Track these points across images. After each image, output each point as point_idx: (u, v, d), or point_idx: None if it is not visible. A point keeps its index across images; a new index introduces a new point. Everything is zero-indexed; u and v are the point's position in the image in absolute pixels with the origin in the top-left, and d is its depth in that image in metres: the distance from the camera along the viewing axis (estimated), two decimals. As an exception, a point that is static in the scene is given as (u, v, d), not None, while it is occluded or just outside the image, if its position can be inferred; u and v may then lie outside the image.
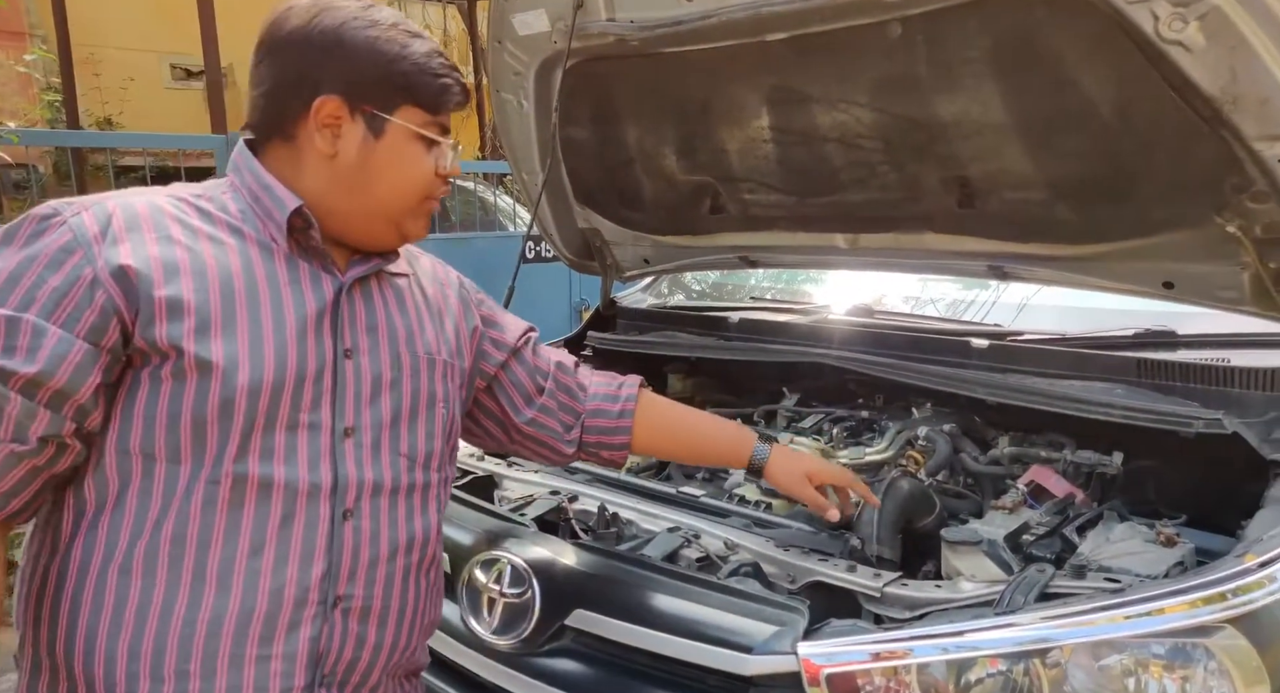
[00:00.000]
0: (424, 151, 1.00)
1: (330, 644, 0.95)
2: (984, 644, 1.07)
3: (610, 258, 2.32)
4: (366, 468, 0.98)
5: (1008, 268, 1.71)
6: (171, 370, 0.88)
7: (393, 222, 1.01)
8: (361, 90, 0.95)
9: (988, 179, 1.63)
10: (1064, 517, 1.38)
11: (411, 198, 1.01)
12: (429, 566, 1.07)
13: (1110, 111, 1.38)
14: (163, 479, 0.89)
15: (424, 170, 1.01)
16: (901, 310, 2.16)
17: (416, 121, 0.98)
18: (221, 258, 0.92)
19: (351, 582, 0.96)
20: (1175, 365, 1.47)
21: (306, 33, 0.94)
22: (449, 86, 1.00)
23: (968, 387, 1.59)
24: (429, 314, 1.10)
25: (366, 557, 0.97)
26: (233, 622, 0.89)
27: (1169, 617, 1.02)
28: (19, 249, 0.87)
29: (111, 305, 0.86)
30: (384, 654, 1.01)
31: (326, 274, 0.99)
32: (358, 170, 0.97)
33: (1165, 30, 1.18)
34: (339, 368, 0.97)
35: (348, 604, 0.96)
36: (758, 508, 1.52)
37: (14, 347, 0.83)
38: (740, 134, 1.87)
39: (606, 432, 1.31)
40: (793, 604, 1.18)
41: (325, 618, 0.94)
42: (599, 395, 1.31)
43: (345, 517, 0.95)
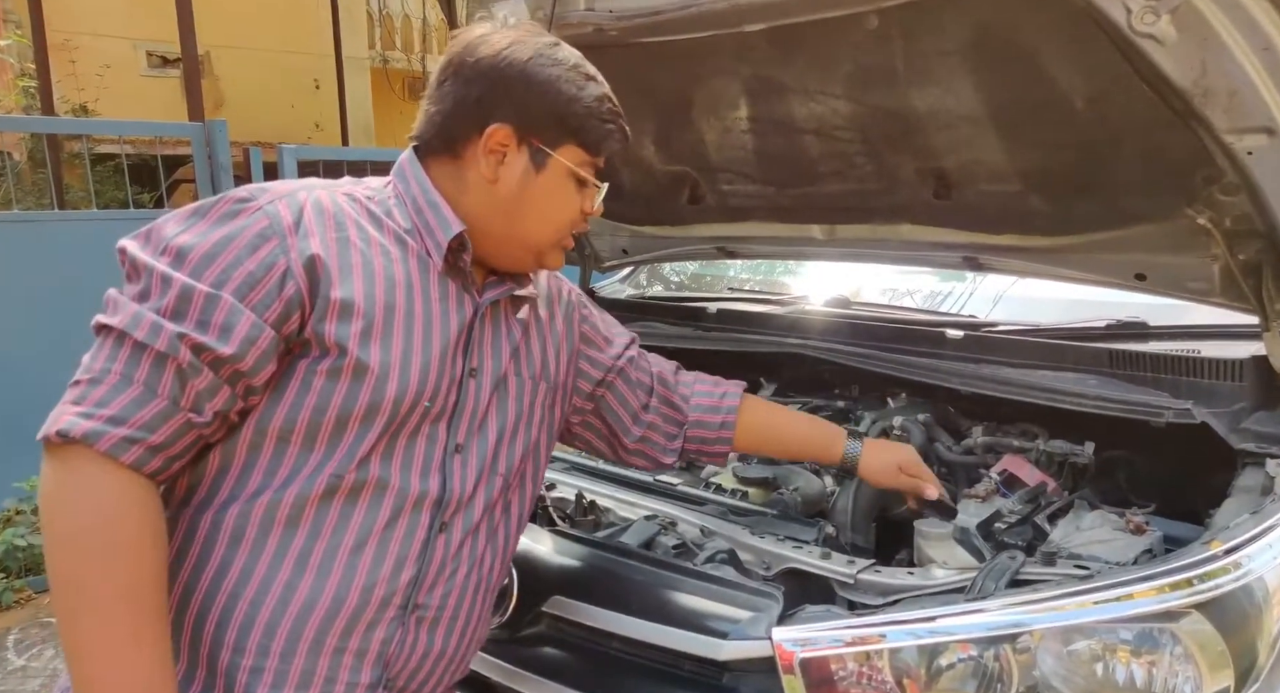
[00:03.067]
0: (576, 190, 1.04)
1: (401, 649, 0.97)
2: (955, 630, 1.07)
3: (588, 248, 2.32)
4: (468, 484, 1.01)
5: (983, 259, 1.73)
6: (329, 367, 0.90)
7: (534, 251, 1.05)
8: (533, 124, 0.99)
9: (963, 171, 1.64)
10: (1036, 505, 1.39)
11: (557, 231, 1.05)
12: (495, 583, 1.10)
13: (1083, 104, 1.40)
14: (291, 462, 0.91)
15: (573, 207, 1.04)
16: (878, 301, 2.17)
17: (576, 160, 1.02)
18: (389, 267, 0.96)
19: (431, 592, 0.99)
20: (1146, 356, 1.49)
21: (495, 63, 0.98)
22: (613, 132, 1.04)
23: (943, 377, 1.61)
24: (539, 338, 1.14)
25: (449, 570, 1.00)
26: (323, 610, 0.91)
27: (1137, 602, 1.04)
28: (214, 226, 0.89)
29: (298, 298, 0.89)
30: (443, 665, 1.03)
31: (468, 295, 1.03)
32: (515, 199, 1.01)
33: (1138, 23, 1.19)
34: (463, 386, 1.01)
35: (422, 613, 0.99)
36: (734, 496, 1.53)
37: (209, 323, 0.85)
38: (718, 125, 1.87)
39: (707, 442, 1.35)
40: (767, 590, 1.18)
41: (401, 622, 0.97)
42: (701, 407, 1.35)
43: (441, 529, 0.99)
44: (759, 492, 1.56)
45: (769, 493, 1.56)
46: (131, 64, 8.45)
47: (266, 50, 8.26)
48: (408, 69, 9.65)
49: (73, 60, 7.17)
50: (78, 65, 7.25)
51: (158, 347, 0.83)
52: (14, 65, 6.71)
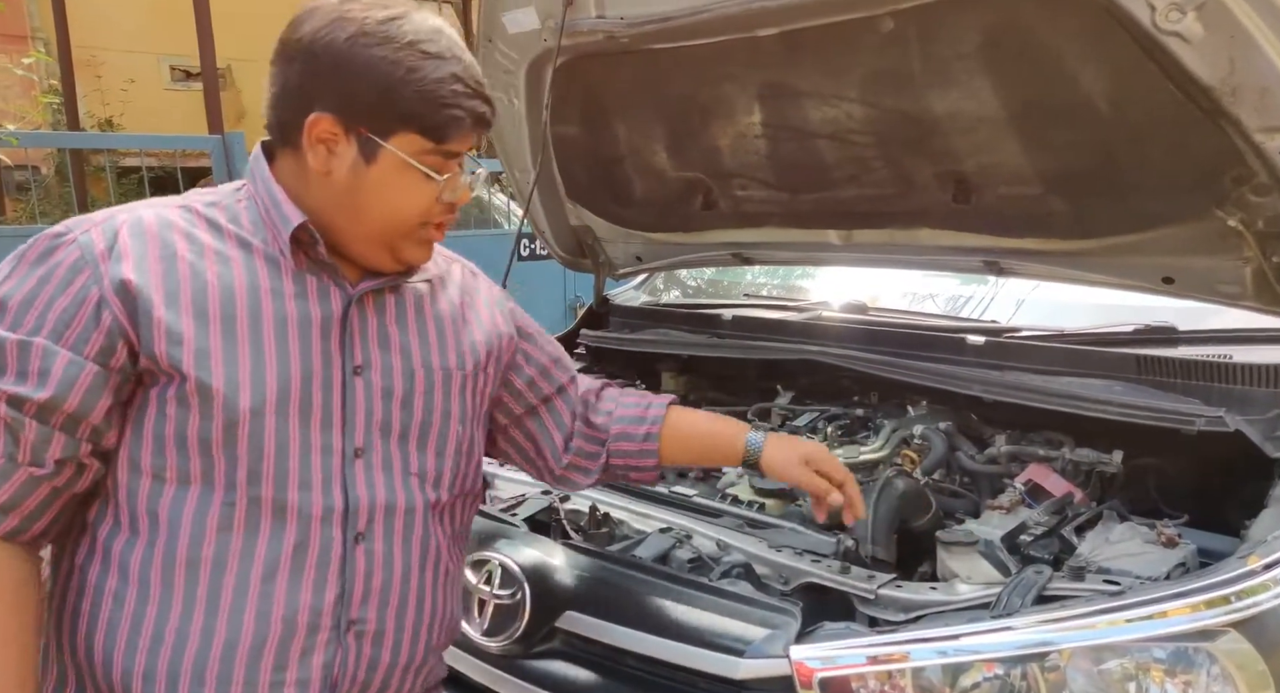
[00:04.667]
0: (421, 180, 0.93)
1: (345, 668, 0.94)
2: (980, 648, 1.05)
3: (603, 255, 2.31)
4: (378, 489, 0.95)
5: (1004, 263, 1.70)
6: (175, 394, 0.86)
7: (387, 246, 0.96)
8: (357, 111, 0.90)
9: (983, 174, 1.61)
10: (1062, 517, 1.36)
11: (405, 225, 0.95)
12: (445, 582, 1.04)
13: (1106, 105, 1.36)
14: (170, 500, 0.87)
15: (419, 199, 0.94)
16: (897, 307, 2.14)
17: (414, 149, 0.92)
18: (226, 275, 0.90)
19: (364, 605, 0.94)
20: (1176, 362, 1.45)
21: (313, 42, 0.89)
22: (456, 118, 0.92)
23: (964, 384, 1.57)
24: (450, 325, 1.05)
25: (379, 580, 0.95)
26: (247, 647, 0.88)
27: (1171, 620, 1.00)
28: (31, 267, 0.86)
29: (117, 326, 0.85)
30: (398, 675, 0.99)
31: (336, 287, 0.95)
32: (350, 192, 0.93)
33: (1162, 21, 1.16)
34: (348, 386, 0.94)
35: (361, 628, 0.94)
36: (750, 508, 1.50)
37: (26, 372, 0.83)
38: (732, 130, 1.85)
39: (631, 456, 1.25)
40: (785, 606, 1.16)
41: (339, 643, 0.93)
42: (625, 419, 1.25)
43: (357, 540, 0.94)
44: (776, 503, 1.53)
45: (786, 505, 1.53)
46: (155, 78, 8.59)
47: (286, 62, 8.33)
48: (425, 79, 9.72)
49: (98, 76, 7.28)
50: (103, 80, 7.36)
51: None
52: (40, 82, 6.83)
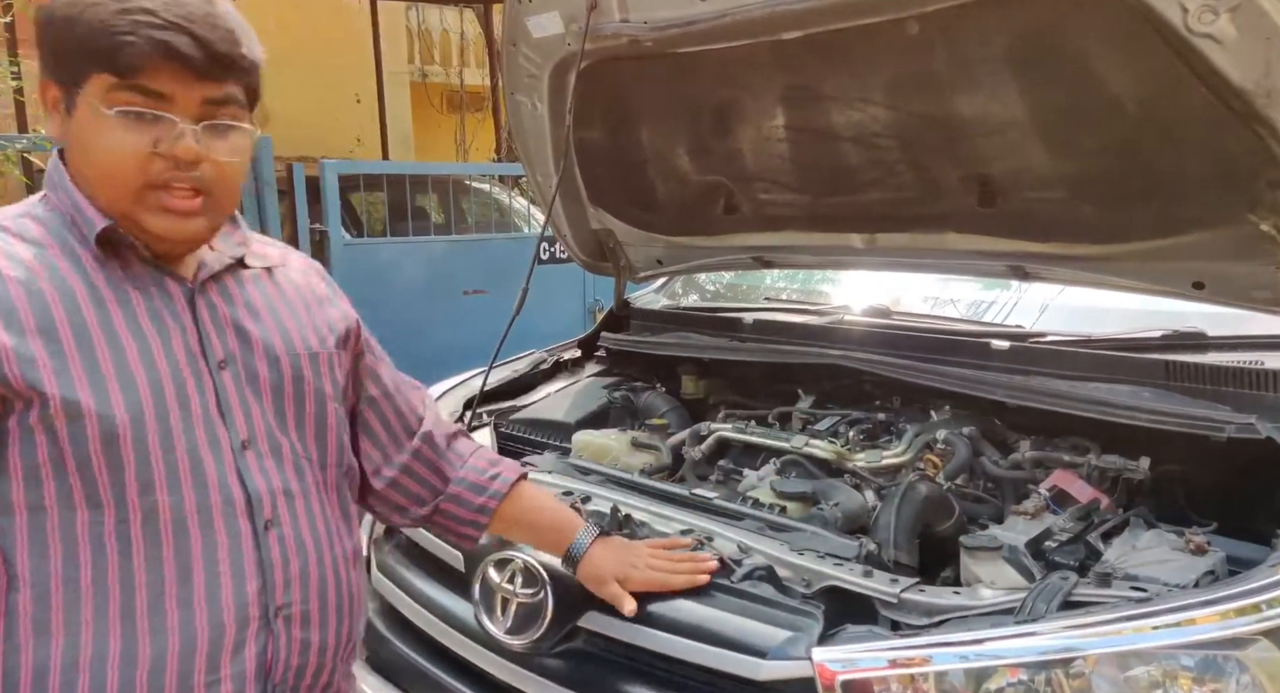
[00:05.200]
0: (120, 126, 0.83)
1: (278, 654, 0.93)
2: (1005, 653, 1.04)
3: (623, 259, 2.31)
4: (273, 476, 0.95)
5: (1030, 268, 1.68)
6: (39, 417, 0.81)
7: (128, 218, 0.87)
8: (56, 65, 0.86)
9: (1009, 177, 1.60)
10: (1088, 523, 1.34)
11: (121, 184, 0.85)
12: (351, 560, 1.04)
13: (1136, 107, 1.35)
14: (60, 533, 0.83)
15: (124, 150, 0.84)
16: (919, 311, 2.13)
17: (102, 88, 0.83)
18: (63, 287, 0.85)
19: (288, 590, 0.94)
20: (1206, 368, 1.43)
21: (39, 17, 0.87)
22: (133, 44, 0.81)
23: (988, 389, 1.56)
24: (303, 306, 1.03)
25: (297, 564, 0.95)
26: (175, 658, 0.86)
27: (1200, 628, 0.99)
28: None
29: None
30: (330, 654, 0.99)
31: (174, 283, 0.92)
32: (76, 156, 0.88)
33: (1195, 23, 1.15)
34: (217, 381, 0.92)
35: (288, 611, 0.94)
36: (772, 511, 1.50)
37: None
38: (754, 134, 1.85)
39: (459, 522, 1.22)
40: (807, 609, 1.16)
41: (269, 630, 0.92)
42: (465, 482, 1.21)
43: (267, 528, 0.93)
44: (798, 507, 1.52)
45: (808, 508, 1.53)
46: (181, 82, 8.70)
47: (309, 66, 8.44)
48: (446, 83, 9.78)
49: (125, 80, 7.40)
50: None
51: None
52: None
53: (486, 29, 7.45)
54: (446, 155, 9.23)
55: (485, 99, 8.25)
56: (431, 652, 1.49)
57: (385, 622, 1.61)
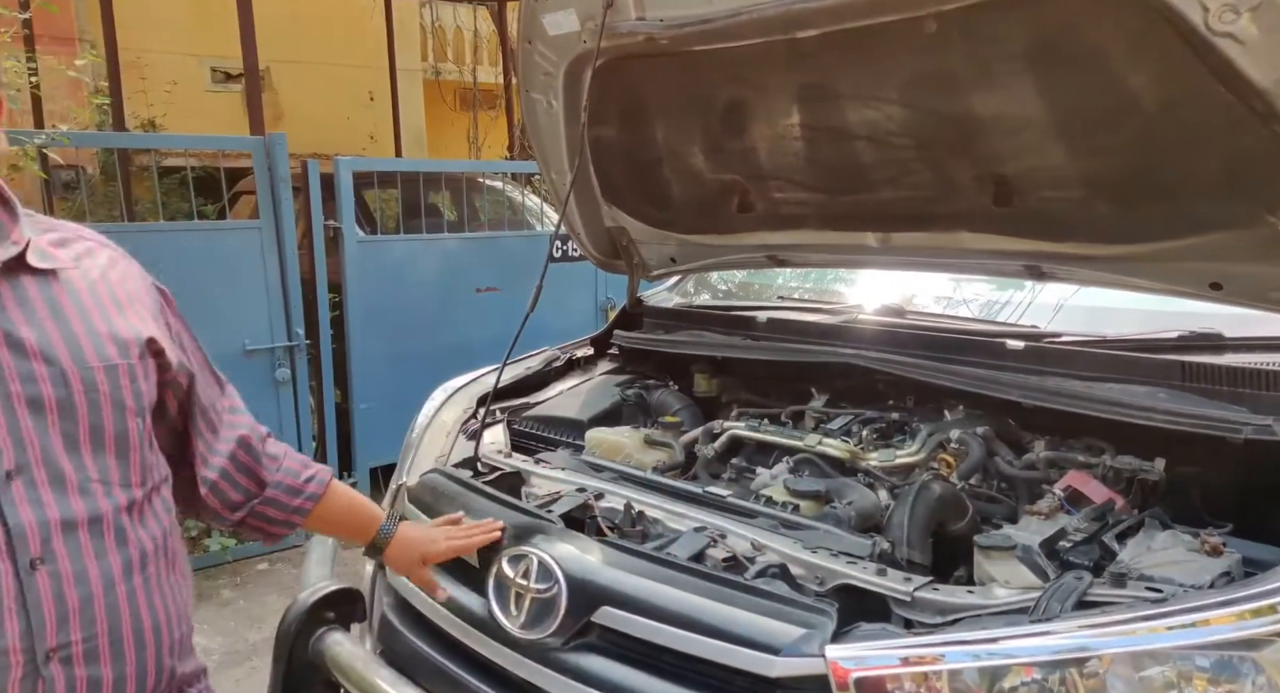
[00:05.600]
0: None
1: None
2: (1019, 652, 1.04)
3: (637, 257, 2.32)
4: (49, 508, 0.87)
5: (1045, 268, 1.68)
6: None
7: None
8: None
9: (1025, 177, 1.59)
10: (1103, 523, 1.34)
11: None
12: (161, 580, 0.99)
13: (1154, 107, 1.35)
14: None
15: None
16: (934, 311, 2.12)
17: None
18: None
19: (64, 629, 0.87)
20: (1222, 369, 1.42)
21: None
22: None
23: (1002, 389, 1.56)
24: (99, 312, 0.94)
25: (76, 598, 0.88)
26: None
27: (1215, 629, 0.99)
28: None
29: None
30: (133, 685, 0.94)
31: None
32: None
33: (1215, 22, 1.14)
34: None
35: (66, 653, 0.87)
36: (785, 509, 1.50)
37: None
38: (769, 132, 1.85)
39: (273, 523, 1.22)
40: (820, 606, 1.16)
41: (37, 675, 0.86)
42: (281, 486, 1.21)
43: (34, 566, 0.86)
44: (811, 505, 1.53)
45: (821, 506, 1.53)
46: (197, 80, 8.75)
47: (323, 64, 8.47)
48: (459, 81, 9.81)
49: (143, 77, 7.44)
50: (147, 82, 7.52)
51: None
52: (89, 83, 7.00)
53: (500, 26, 7.45)
54: (459, 153, 9.26)
55: (498, 97, 8.26)
56: (445, 646, 1.49)
57: (399, 616, 1.62)
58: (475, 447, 1.80)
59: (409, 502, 1.70)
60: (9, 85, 3.26)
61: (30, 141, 3.10)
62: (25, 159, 3.19)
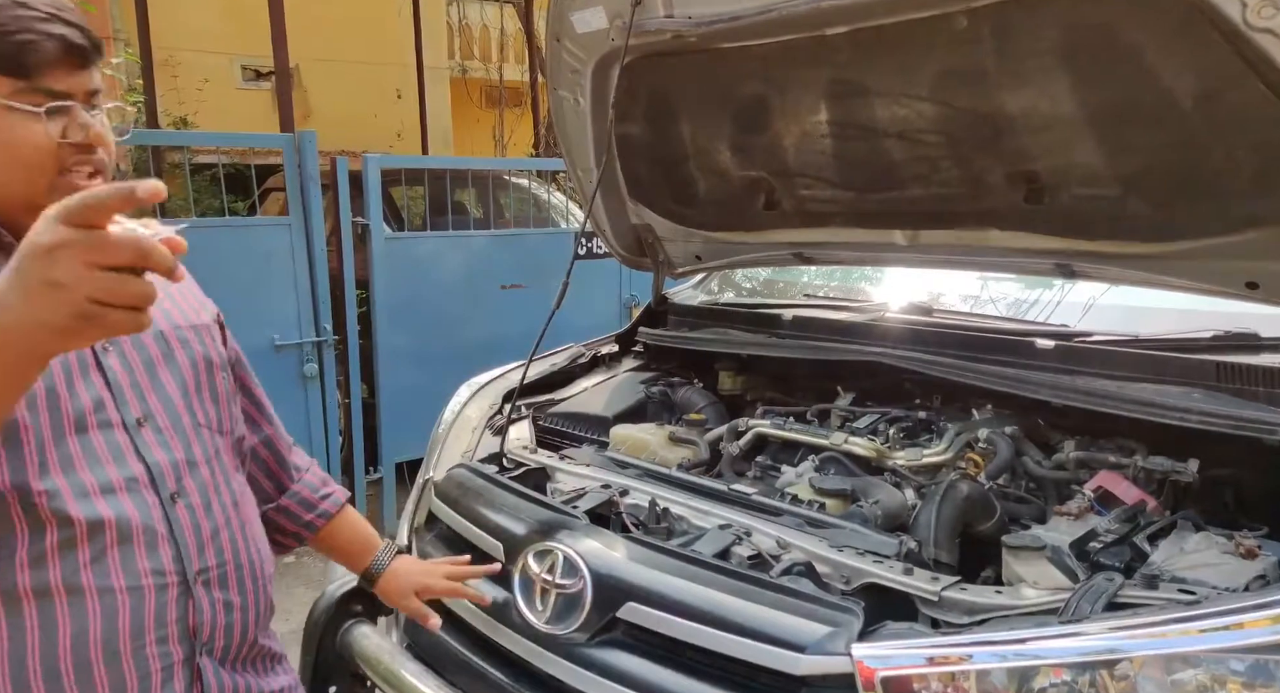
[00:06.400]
0: (25, 121, 0.88)
1: (201, 616, 0.98)
2: (1048, 653, 1.03)
3: (662, 254, 2.32)
4: (175, 449, 0.98)
5: (1076, 266, 1.66)
6: None
7: (30, 209, 0.87)
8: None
9: (1057, 174, 1.57)
10: (1134, 525, 1.32)
11: (29, 178, 0.89)
12: (255, 520, 1.10)
13: (1190, 103, 1.32)
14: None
15: (35, 145, 0.88)
16: (962, 309, 2.11)
17: (3, 92, 0.87)
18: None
19: (203, 555, 0.98)
20: (1259, 370, 1.40)
21: None
22: (31, 43, 0.86)
23: (1032, 388, 1.54)
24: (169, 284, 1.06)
25: (208, 528, 0.99)
26: (98, 633, 0.89)
27: (1249, 632, 0.98)
28: None
29: None
30: (252, 614, 1.05)
31: None
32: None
33: (1254, 18, 1.12)
34: (103, 364, 0.93)
35: (206, 576, 0.99)
36: (811, 507, 1.50)
37: None
38: (797, 129, 1.85)
39: (282, 532, 1.27)
40: (847, 605, 1.16)
41: (188, 594, 0.96)
42: (298, 496, 1.27)
43: (174, 499, 0.97)
44: (837, 504, 1.52)
45: (847, 505, 1.53)
46: (228, 78, 8.88)
47: (352, 62, 8.56)
48: (485, 78, 9.86)
49: (175, 75, 7.57)
50: (179, 80, 7.65)
51: None
52: (123, 81, 7.12)
53: (526, 24, 7.48)
54: (485, 150, 9.31)
55: (524, 94, 8.29)
56: (471, 640, 1.51)
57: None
58: (501, 442, 1.82)
59: (435, 497, 1.72)
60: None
61: (67, 139, 3.16)
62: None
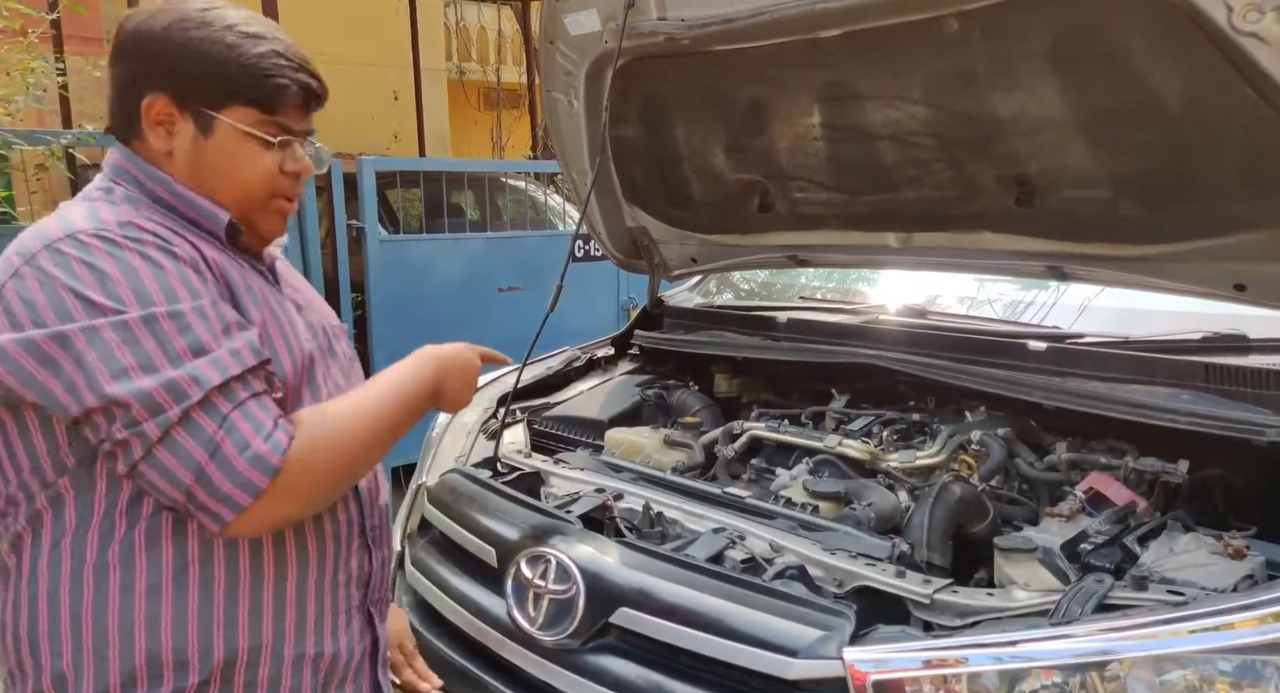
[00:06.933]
0: (261, 150, 1.00)
1: (373, 568, 1.09)
2: (1039, 655, 1.04)
3: (658, 257, 2.32)
4: None
5: (1068, 269, 1.66)
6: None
7: (243, 221, 1.02)
8: (187, 89, 0.97)
9: (1048, 177, 1.58)
10: (1125, 526, 1.33)
11: (253, 197, 1.01)
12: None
13: (1178, 107, 1.33)
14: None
15: (262, 169, 1.00)
16: (955, 311, 2.11)
17: (248, 121, 0.98)
18: (235, 275, 1.00)
19: (373, 513, 1.10)
20: (1246, 371, 1.41)
21: (138, 34, 0.97)
22: (284, 87, 0.98)
23: (1024, 390, 1.55)
24: (310, 287, 1.19)
25: (373, 491, 1.11)
26: (305, 572, 1.01)
27: (1237, 632, 0.99)
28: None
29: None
30: (390, 568, 1.16)
31: (263, 267, 1.07)
32: (194, 168, 0.99)
33: (1239, 21, 1.13)
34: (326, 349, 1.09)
35: (375, 534, 1.10)
36: (804, 510, 1.50)
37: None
38: (791, 132, 1.85)
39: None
40: (839, 609, 1.16)
41: (367, 547, 1.08)
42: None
43: None
44: (830, 506, 1.53)
45: (840, 508, 1.53)
46: (222, 80, 8.86)
47: (348, 63, 8.54)
48: (483, 80, 9.85)
49: (169, 78, 7.57)
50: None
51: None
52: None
53: (524, 26, 7.48)
54: (483, 153, 9.29)
55: (522, 96, 8.29)
56: (464, 646, 1.51)
57: (418, 616, 1.64)
58: (495, 446, 1.82)
59: (428, 502, 1.72)
60: (35, 85, 3.29)
61: (57, 142, 3.14)
62: (52, 159, 3.23)
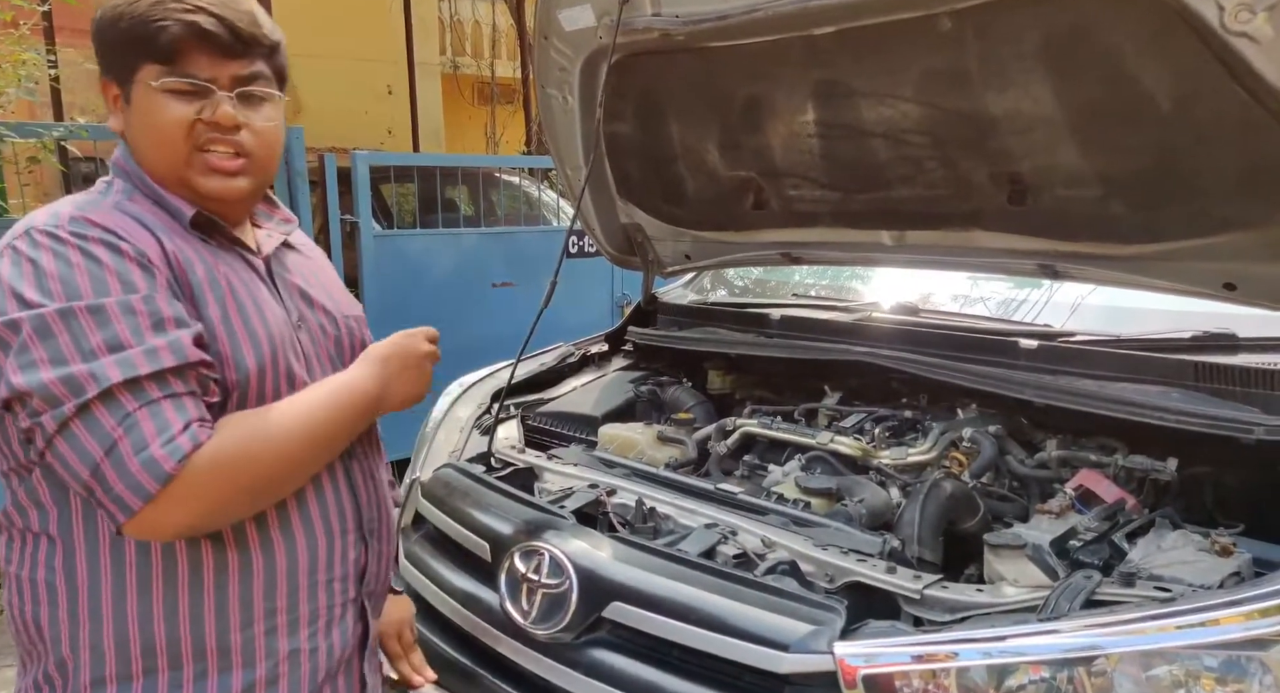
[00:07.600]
0: (172, 102, 0.96)
1: (368, 562, 1.10)
2: (1027, 650, 1.05)
3: (652, 253, 2.32)
4: None
5: (1060, 267, 1.67)
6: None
7: (183, 184, 1.00)
8: (108, 62, 0.99)
9: (1040, 175, 1.59)
10: (1114, 523, 1.34)
11: (176, 154, 0.98)
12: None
13: (1170, 106, 1.34)
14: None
15: (172, 120, 0.97)
16: (948, 309, 2.12)
17: (153, 76, 0.96)
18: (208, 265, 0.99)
19: (370, 508, 1.11)
20: (1235, 370, 1.42)
21: (94, 25, 0.99)
22: (168, 29, 0.94)
23: (1015, 388, 1.56)
24: (331, 275, 1.19)
25: (372, 486, 1.12)
26: (304, 560, 1.02)
27: (1223, 628, 0.99)
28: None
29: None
30: (388, 562, 1.17)
31: (251, 257, 1.05)
32: (134, 139, 1.00)
33: (1231, 22, 1.14)
34: (300, 338, 1.06)
35: (372, 526, 1.11)
36: (796, 506, 1.51)
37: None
38: (785, 129, 1.86)
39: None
40: (830, 604, 1.17)
41: (363, 541, 1.09)
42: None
43: (350, 457, 1.09)
44: (822, 503, 1.54)
45: (832, 504, 1.54)
46: (216, 73, 8.82)
47: (342, 58, 8.50)
48: (477, 75, 9.83)
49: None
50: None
51: None
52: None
53: (518, 21, 7.46)
54: (477, 147, 9.27)
55: (516, 91, 8.28)
56: (457, 640, 1.52)
57: (414, 608, 1.64)
58: (489, 442, 1.82)
59: (422, 497, 1.72)
60: (26, 77, 3.27)
61: (49, 134, 3.13)
62: (44, 152, 3.21)
